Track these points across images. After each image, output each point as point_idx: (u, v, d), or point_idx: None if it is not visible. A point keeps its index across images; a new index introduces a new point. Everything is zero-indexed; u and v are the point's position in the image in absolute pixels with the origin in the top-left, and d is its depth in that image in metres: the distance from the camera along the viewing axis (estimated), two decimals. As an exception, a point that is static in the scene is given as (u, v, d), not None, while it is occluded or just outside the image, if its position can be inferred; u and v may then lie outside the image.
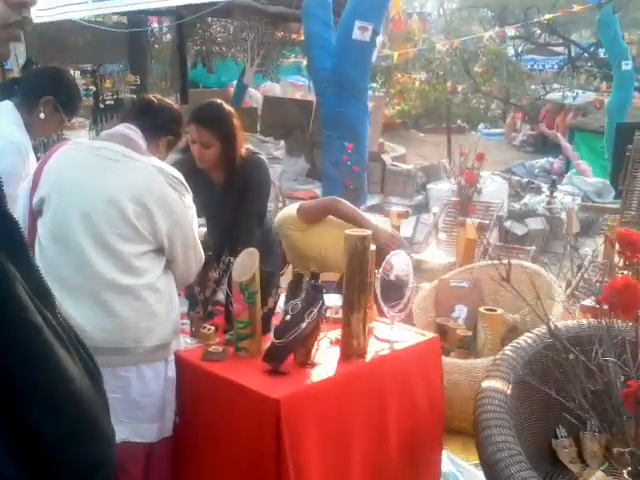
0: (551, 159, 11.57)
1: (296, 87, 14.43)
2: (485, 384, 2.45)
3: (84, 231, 2.07)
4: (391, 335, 2.50)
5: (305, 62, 12.87)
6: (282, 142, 9.14)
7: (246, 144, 3.22)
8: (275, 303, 2.57)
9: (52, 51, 7.92)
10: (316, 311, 2.15)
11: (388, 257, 2.61)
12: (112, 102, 6.95)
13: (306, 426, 2.05)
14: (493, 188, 7.40)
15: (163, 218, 2.12)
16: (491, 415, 2.32)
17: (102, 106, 6.82)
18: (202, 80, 14.32)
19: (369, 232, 2.28)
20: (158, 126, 2.30)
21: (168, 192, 2.12)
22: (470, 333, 3.55)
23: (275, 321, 2.52)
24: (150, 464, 2.23)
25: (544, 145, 15.06)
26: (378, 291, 2.59)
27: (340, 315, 2.69)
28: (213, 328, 2.47)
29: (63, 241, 2.09)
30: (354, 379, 2.24)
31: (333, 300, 2.90)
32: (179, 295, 2.90)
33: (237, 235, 3.17)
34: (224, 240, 3.26)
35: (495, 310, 3.55)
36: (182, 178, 2.19)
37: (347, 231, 2.28)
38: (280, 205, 6.45)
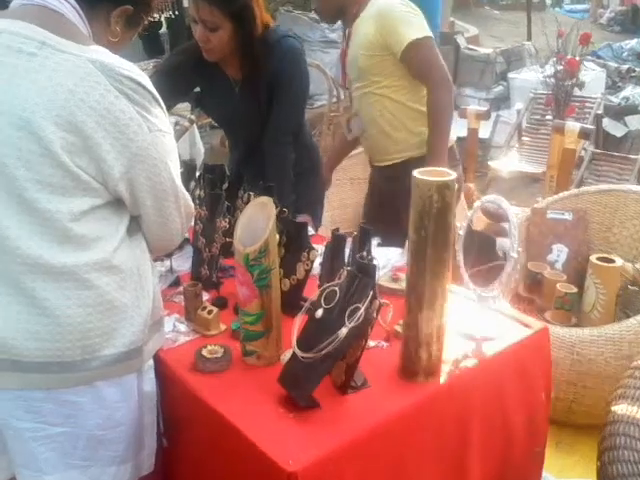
0: (643, 39, 9.99)
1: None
2: (617, 412, 1.61)
3: None
4: (478, 327, 1.67)
5: None
6: (339, 22, 7.95)
7: (274, 22, 2.29)
8: (307, 272, 1.75)
9: None
10: (363, 310, 1.33)
11: (478, 203, 1.75)
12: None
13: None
14: (588, 79, 6.18)
15: (116, 151, 1.28)
16: (628, 469, 1.50)
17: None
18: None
19: (452, 175, 1.38)
20: None
21: (119, 105, 1.26)
22: (575, 289, 2.66)
23: (310, 290, 1.73)
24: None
25: (634, 23, 13.30)
26: (459, 254, 1.75)
27: (401, 285, 1.88)
28: (215, 310, 1.68)
29: None
30: (422, 411, 1.43)
31: (391, 256, 2.08)
32: (187, 242, 2.12)
33: (263, 156, 2.32)
34: (244, 165, 2.42)
35: (612, 260, 2.64)
36: (146, 81, 1.32)
37: (416, 172, 1.40)
38: (334, 100, 5.49)
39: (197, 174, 2.28)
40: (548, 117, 5.40)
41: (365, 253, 1.63)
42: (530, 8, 10.73)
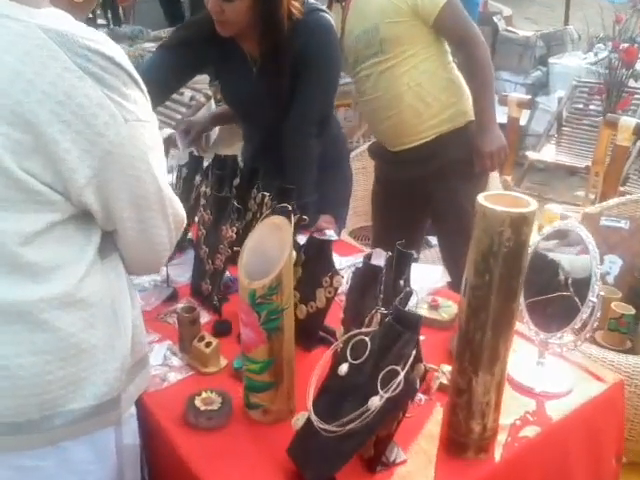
0: (688, 27, 9.44)
1: None
2: None
3: None
4: (539, 379, 1.34)
5: None
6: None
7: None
8: (329, 300, 1.43)
9: None
10: (402, 376, 1.00)
11: (549, 229, 1.43)
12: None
13: None
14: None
15: (79, 149, 0.95)
16: None
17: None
18: None
19: (532, 205, 1.04)
20: None
21: (83, 89, 0.93)
22: (633, 311, 2.33)
23: (332, 317, 1.42)
24: None
25: (677, 9, 12.72)
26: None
27: (442, 314, 1.57)
28: (214, 343, 1.37)
29: None
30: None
31: (428, 276, 1.76)
32: (190, 244, 1.83)
33: (281, 148, 1.99)
34: (260, 158, 2.09)
35: (680, 280, 2.29)
36: (121, 56, 0.98)
37: (482, 197, 1.05)
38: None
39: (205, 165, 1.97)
40: (592, 107, 5.01)
41: (402, 282, 1.31)
42: (569, -10, 10.18)
